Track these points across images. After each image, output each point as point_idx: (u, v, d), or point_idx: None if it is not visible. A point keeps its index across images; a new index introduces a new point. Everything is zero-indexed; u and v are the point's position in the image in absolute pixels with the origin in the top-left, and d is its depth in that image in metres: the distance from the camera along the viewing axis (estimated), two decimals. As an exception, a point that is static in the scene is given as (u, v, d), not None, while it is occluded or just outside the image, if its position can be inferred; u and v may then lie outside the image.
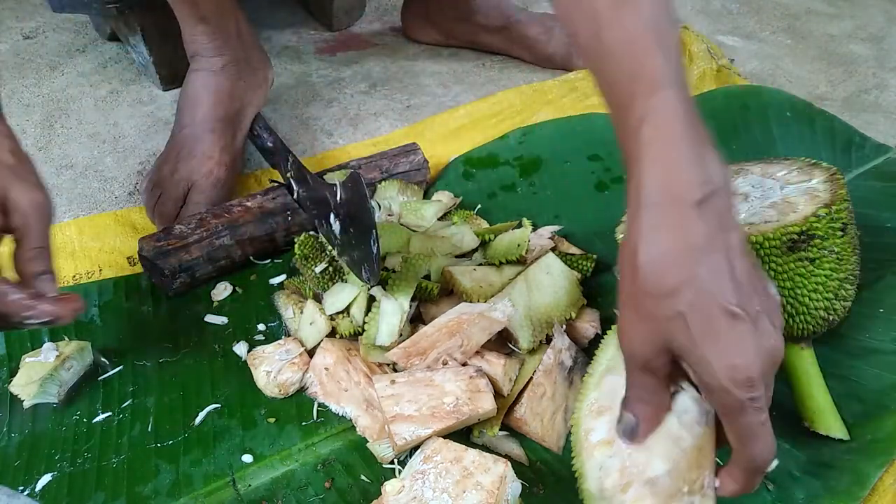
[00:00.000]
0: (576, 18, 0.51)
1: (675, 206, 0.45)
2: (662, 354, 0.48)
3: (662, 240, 0.46)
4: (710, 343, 0.44)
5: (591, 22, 0.50)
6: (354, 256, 0.68)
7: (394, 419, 0.61)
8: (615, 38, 0.48)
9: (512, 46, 1.23)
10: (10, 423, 0.68)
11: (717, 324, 0.44)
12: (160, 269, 0.76)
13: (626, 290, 0.49)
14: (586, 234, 0.88)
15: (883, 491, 0.60)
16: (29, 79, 1.18)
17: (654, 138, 0.47)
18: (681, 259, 0.45)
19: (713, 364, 0.44)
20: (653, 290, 0.46)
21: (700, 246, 0.45)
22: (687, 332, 0.45)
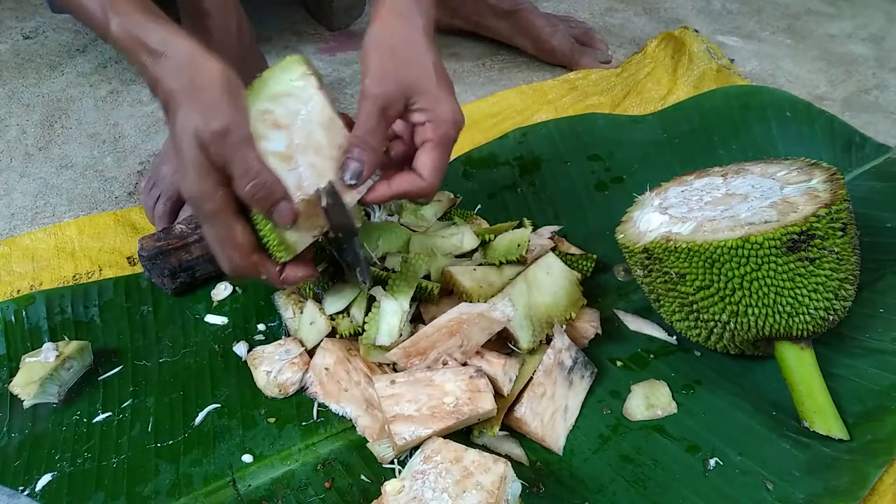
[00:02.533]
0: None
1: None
2: (402, 99, 0.62)
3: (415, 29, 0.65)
4: (444, 92, 0.63)
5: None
6: (348, 260, 0.68)
7: (394, 419, 0.61)
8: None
9: (516, 34, 1.23)
10: (11, 423, 0.68)
11: (444, 83, 0.64)
12: (160, 269, 0.76)
13: (380, 54, 0.63)
14: (586, 234, 0.88)
15: (883, 491, 0.60)
16: (29, 79, 1.18)
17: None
18: (426, 40, 0.65)
19: (447, 103, 0.63)
20: (410, 55, 0.63)
21: (426, 37, 0.65)
22: (432, 81, 0.63)
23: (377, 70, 0.62)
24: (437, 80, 0.64)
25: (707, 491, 0.62)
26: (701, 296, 0.66)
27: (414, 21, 0.64)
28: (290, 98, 0.63)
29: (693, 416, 0.68)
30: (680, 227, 0.67)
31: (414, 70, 0.63)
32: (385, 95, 0.62)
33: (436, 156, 0.64)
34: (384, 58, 0.63)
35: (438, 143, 0.64)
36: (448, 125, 0.63)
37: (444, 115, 0.63)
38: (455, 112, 0.64)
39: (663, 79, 1.12)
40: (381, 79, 0.62)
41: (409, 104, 0.63)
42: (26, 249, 0.86)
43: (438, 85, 0.64)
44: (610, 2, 1.44)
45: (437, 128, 0.63)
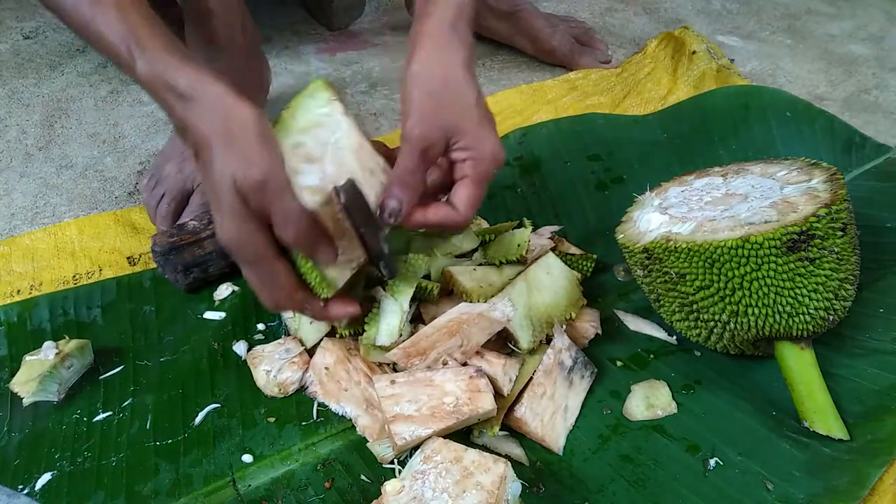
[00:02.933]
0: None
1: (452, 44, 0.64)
2: (443, 141, 0.62)
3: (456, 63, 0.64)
4: (485, 130, 0.64)
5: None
6: (371, 254, 0.68)
7: (394, 419, 0.61)
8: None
9: (516, 35, 1.23)
10: (11, 422, 0.68)
11: (486, 121, 0.64)
12: (173, 265, 0.77)
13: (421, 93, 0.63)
14: (586, 234, 0.88)
15: (883, 491, 0.60)
16: (29, 79, 1.18)
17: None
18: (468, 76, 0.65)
19: (488, 142, 0.63)
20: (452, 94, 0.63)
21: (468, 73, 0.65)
22: (473, 120, 0.63)
23: (418, 111, 0.62)
24: (479, 119, 0.64)
25: (707, 491, 0.62)
26: (701, 296, 0.66)
27: (455, 55, 0.63)
28: (320, 128, 0.63)
29: (693, 416, 0.68)
30: (680, 227, 0.67)
31: (455, 110, 0.63)
32: (426, 138, 0.61)
33: (473, 191, 0.64)
34: (424, 98, 0.62)
35: (477, 180, 0.64)
36: (487, 163, 0.63)
37: (484, 153, 0.63)
38: (495, 150, 0.64)
39: (663, 79, 1.12)
40: (422, 120, 0.62)
41: (451, 144, 0.63)
42: (26, 249, 0.86)
43: (480, 123, 0.63)
44: (610, 2, 1.44)
45: (476, 165, 0.63)
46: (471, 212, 0.64)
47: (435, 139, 0.62)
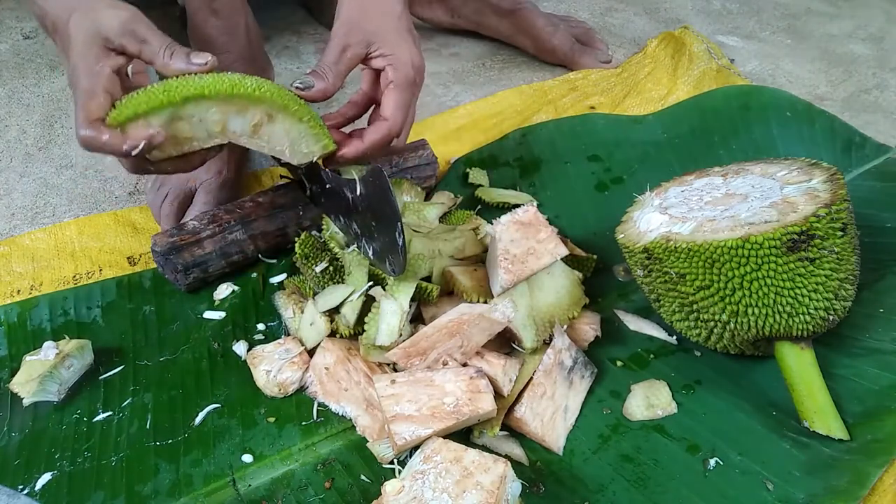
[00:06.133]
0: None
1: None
2: (363, 44, 0.70)
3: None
4: (404, 39, 0.71)
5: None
6: (377, 249, 0.68)
7: (394, 419, 0.61)
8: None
9: (517, 34, 1.23)
10: (11, 422, 0.68)
11: (406, 32, 0.72)
12: (173, 265, 0.77)
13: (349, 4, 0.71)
14: (586, 234, 0.88)
15: (883, 491, 0.60)
16: (29, 79, 1.18)
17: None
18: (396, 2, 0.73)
19: (406, 48, 0.70)
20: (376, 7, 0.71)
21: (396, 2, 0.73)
22: (391, 30, 0.71)
23: (344, 18, 0.71)
24: (398, 31, 0.71)
25: (707, 491, 0.62)
26: (701, 296, 0.66)
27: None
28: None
29: (693, 416, 0.68)
30: (680, 227, 0.67)
31: (376, 20, 0.71)
32: (346, 37, 0.70)
33: (397, 95, 0.70)
34: (352, 8, 0.71)
35: (398, 84, 0.70)
36: (406, 67, 0.70)
37: (402, 57, 0.70)
38: (414, 56, 0.71)
39: (663, 79, 1.12)
40: (346, 24, 0.70)
41: (371, 51, 0.71)
42: (26, 249, 0.86)
43: (398, 33, 0.71)
44: (610, 2, 1.44)
45: (395, 70, 0.70)
46: (399, 115, 0.70)
47: (354, 40, 0.70)
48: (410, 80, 0.71)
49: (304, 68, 1.23)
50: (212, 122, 0.64)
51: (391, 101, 0.70)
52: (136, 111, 0.60)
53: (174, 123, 0.62)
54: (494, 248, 0.70)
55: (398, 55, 0.70)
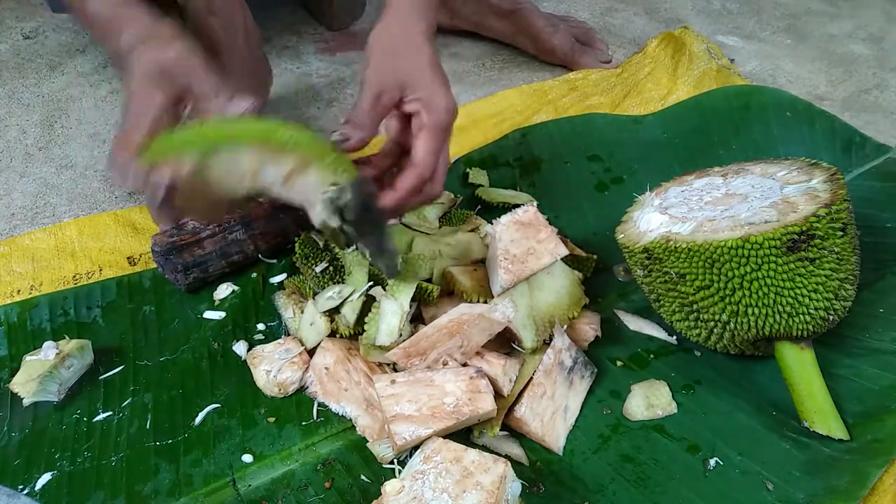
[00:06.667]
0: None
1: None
2: (396, 89, 0.69)
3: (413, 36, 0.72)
4: (437, 84, 0.70)
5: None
6: (372, 250, 0.68)
7: (394, 419, 0.61)
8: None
9: (516, 34, 1.23)
10: (11, 422, 0.68)
11: (439, 76, 0.70)
12: (173, 265, 0.77)
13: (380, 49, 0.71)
14: (586, 234, 0.88)
15: (883, 491, 0.60)
16: (29, 79, 1.18)
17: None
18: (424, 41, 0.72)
19: (440, 93, 0.69)
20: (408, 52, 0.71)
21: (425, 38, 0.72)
22: (425, 74, 0.70)
23: (375, 63, 0.69)
24: (431, 74, 0.70)
25: (707, 491, 0.62)
26: (701, 296, 0.66)
27: (415, 24, 0.71)
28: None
29: (693, 416, 0.68)
30: (680, 227, 0.67)
31: (409, 64, 0.70)
32: (380, 83, 0.68)
33: (430, 140, 0.69)
34: (383, 53, 0.70)
35: (430, 129, 0.69)
36: (440, 112, 0.69)
37: (436, 102, 0.69)
38: (447, 100, 0.69)
39: (663, 79, 1.12)
40: (378, 70, 0.69)
41: (404, 96, 0.69)
42: (26, 249, 0.86)
43: (432, 77, 0.69)
44: (610, 2, 1.44)
45: (429, 114, 0.68)
46: (430, 159, 0.69)
47: (388, 86, 0.69)
48: (443, 125, 0.69)
49: (304, 68, 1.23)
50: (244, 168, 0.62)
51: (423, 145, 0.68)
52: (168, 146, 0.60)
53: (205, 166, 0.61)
54: (494, 248, 0.70)
55: (432, 99, 0.68)
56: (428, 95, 0.69)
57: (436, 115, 0.68)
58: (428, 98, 0.68)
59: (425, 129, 0.68)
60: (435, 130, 0.69)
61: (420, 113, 0.69)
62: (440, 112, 0.69)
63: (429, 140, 0.68)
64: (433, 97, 0.69)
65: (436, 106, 0.68)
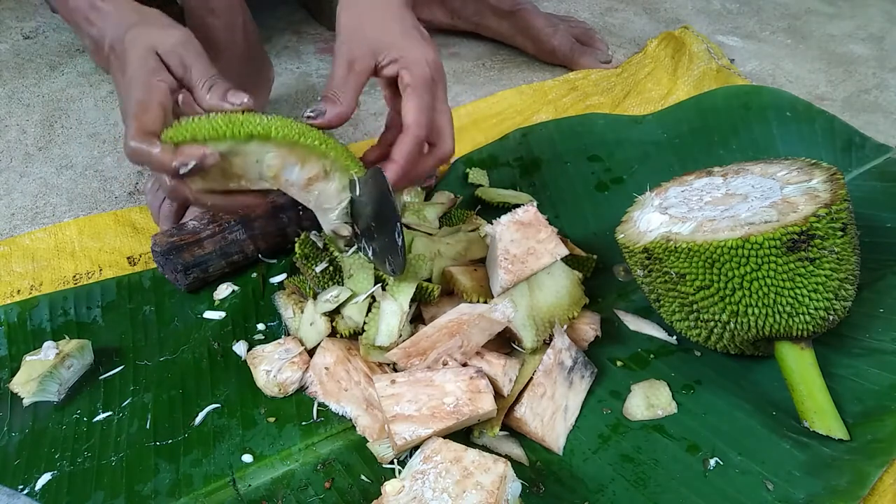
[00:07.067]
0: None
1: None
2: (370, 55, 0.66)
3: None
4: (411, 39, 0.67)
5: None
6: (377, 249, 0.68)
7: (394, 419, 0.61)
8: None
9: (516, 35, 1.23)
10: (11, 422, 0.68)
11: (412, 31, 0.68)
12: (174, 265, 0.77)
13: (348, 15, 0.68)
14: (586, 234, 0.88)
15: (883, 491, 0.60)
16: (29, 79, 1.18)
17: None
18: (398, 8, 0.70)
19: (415, 48, 0.66)
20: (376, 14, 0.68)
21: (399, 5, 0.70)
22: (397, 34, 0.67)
23: (345, 30, 0.67)
24: (403, 33, 0.67)
25: (707, 491, 0.62)
26: (701, 296, 0.66)
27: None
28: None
29: (693, 416, 0.68)
30: (680, 227, 0.67)
31: (379, 28, 0.67)
32: (350, 51, 0.66)
33: (416, 98, 0.65)
34: (352, 19, 0.67)
35: (416, 86, 0.65)
36: (420, 66, 0.65)
37: (413, 58, 0.65)
38: (426, 53, 0.66)
39: (663, 79, 1.12)
40: (348, 37, 0.66)
41: (380, 60, 0.66)
42: (26, 249, 0.86)
43: (404, 36, 0.67)
44: (610, 2, 1.44)
45: (410, 72, 0.65)
46: (422, 117, 0.65)
47: (360, 52, 0.66)
48: (428, 79, 0.66)
49: (304, 68, 1.23)
50: (267, 166, 0.62)
51: (411, 105, 0.65)
52: (196, 135, 0.59)
53: (229, 158, 0.61)
54: (494, 248, 0.70)
55: (409, 56, 0.66)
56: (403, 53, 0.66)
57: (416, 70, 0.65)
58: (404, 56, 0.66)
59: (409, 88, 0.65)
60: (419, 86, 0.65)
61: (400, 74, 0.66)
62: (420, 66, 0.65)
63: (415, 98, 0.65)
64: (408, 54, 0.66)
65: (414, 61, 0.65)
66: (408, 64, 0.65)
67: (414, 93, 0.65)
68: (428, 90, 0.66)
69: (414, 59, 0.66)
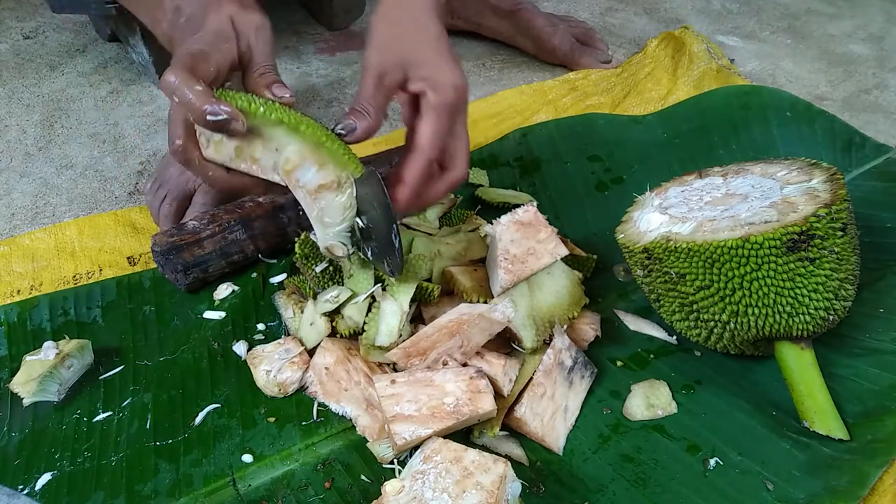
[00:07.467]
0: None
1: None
2: (400, 69, 0.64)
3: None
4: (443, 60, 0.66)
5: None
6: (375, 250, 0.68)
7: (394, 419, 0.61)
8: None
9: (517, 34, 1.23)
10: (11, 422, 0.68)
11: (444, 52, 0.66)
12: (173, 265, 0.77)
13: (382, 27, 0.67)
14: (586, 234, 0.88)
15: (883, 491, 0.60)
16: (29, 79, 1.18)
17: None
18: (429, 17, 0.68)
19: (446, 70, 0.65)
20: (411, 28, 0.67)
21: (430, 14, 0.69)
22: (430, 51, 0.66)
23: (377, 42, 0.65)
24: (436, 50, 0.66)
25: (707, 491, 0.62)
26: (701, 296, 0.66)
27: (419, 1, 0.68)
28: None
29: (693, 416, 0.68)
30: (680, 227, 0.67)
31: (411, 42, 0.66)
32: (381, 64, 0.64)
33: (433, 120, 0.64)
34: (386, 31, 0.66)
35: (436, 108, 0.64)
36: (446, 89, 0.64)
37: (441, 80, 0.64)
38: (454, 77, 0.65)
39: (663, 79, 1.12)
40: (380, 49, 0.65)
41: (408, 76, 0.65)
42: (26, 249, 0.86)
43: (437, 54, 0.66)
44: (610, 2, 1.44)
45: (435, 93, 0.64)
46: (435, 141, 0.64)
47: (391, 66, 0.64)
48: (450, 104, 0.65)
49: (304, 68, 1.23)
50: (286, 158, 0.61)
51: (426, 127, 0.64)
52: (236, 100, 0.58)
53: (252, 137, 0.60)
54: (494, 248, 0.70)
55: (437, 77, 0.64)
56: (432, 73, 0.64)
57: (442, 94, 0.64)
58: (432, 76, 0.64)
59: (430, 109, 0.64)
60: (440, 110, 0.64)
61: (426, 93, 0.64)
62: (446, 90, 0.64)
63: (433, 121, 0.64)
64: (438, 74, 0.64)
65: (441, 84, 0.64)
66: (435, 85, 0.64)
67: (434, 114, 0.64)
68: (449, 114, 0.65)
69: (442, 82, 0.64)
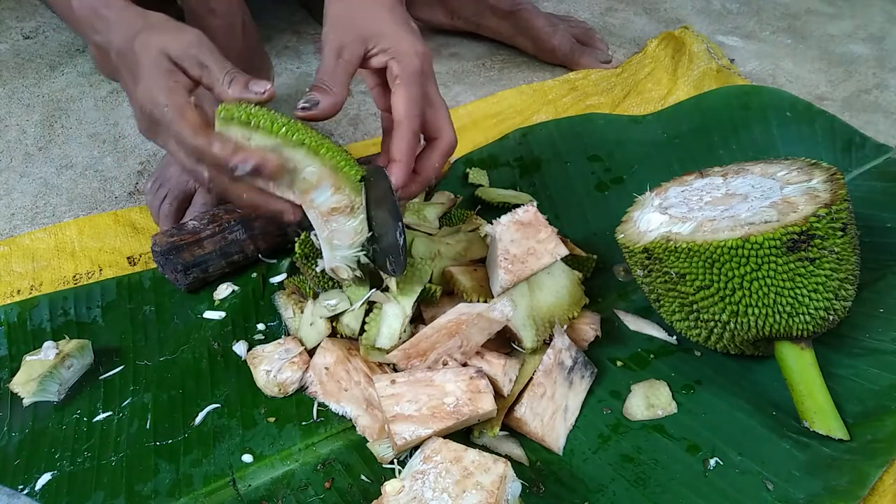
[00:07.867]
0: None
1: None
2: (358, 43, 0.64)
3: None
4: (402, 29, 0.65)
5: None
6: (378, 249, 0.68)
7: (394, 419, 0.61)
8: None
9: (516, 35, 1.23)
10: (11, 422, 0.68)
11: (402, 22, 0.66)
12: (174, 264, 0.77)
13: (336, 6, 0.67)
14: (586, 234, 0.88)
15: (883, 491, 0.60)
16: (29, 79, 1.18)
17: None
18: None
19: (406, 39, 0.64)
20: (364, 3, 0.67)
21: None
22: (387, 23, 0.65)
23: (333, 19, 0.65)
24: (393, 22, 0.65)
25: (707, 491, 0.62)
26: (701, 296, 0.66)
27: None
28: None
29: (693, 416, 0.68)
30: (680, 227, 0.67)
31: (368, 15, 0.65)
32: (338, 39, 0.64)
33: (406, 90, 0.63)
34: (340, 8, 0.66)
35: (405, 77, 0.64)
36: (409, 57, 0.64)
37: (403, 49, 0.64)
38: (415, 45, 0.64)
39: (663, 79, 1.12)
40: (336, 26, 0.65)
41: (369, 49, 0.65)
42: (26, 249, 0.86)
43: (394, 25, 0.65)
44: (610, 2, 1.44)
45: (399, 63, 0.64)
46: (414, 108, 0.64)
47: (348, 40, 0.64)
48: (417, 71, 0.64)
49: (304, 68, 1.23)
50: (303, 179, 0.61)
51: (399, 98, 0.63)
52: (251, 119, 0.59)
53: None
54: (494, 248, 0.70)
55: (398, 47, 0.64)
56: (393, 43, 0.64)
57: (406, 61, 0.63)
58: (393, 46, 0.64)
59: (398, 80, 0.64)
60: (409, 79, 0.63)
61: (389, 65, 0.64)
62: (410, 57, 0.64)
63: (404, 91, 0.63)
64: (399, 44, 0.64)
65: (403, 52, 0.64)
66: (397, 55, 0.64)
67: (403, 84, 0.64)
68: (418, 82, 0.64)
69: (404, 51, 0.64)
